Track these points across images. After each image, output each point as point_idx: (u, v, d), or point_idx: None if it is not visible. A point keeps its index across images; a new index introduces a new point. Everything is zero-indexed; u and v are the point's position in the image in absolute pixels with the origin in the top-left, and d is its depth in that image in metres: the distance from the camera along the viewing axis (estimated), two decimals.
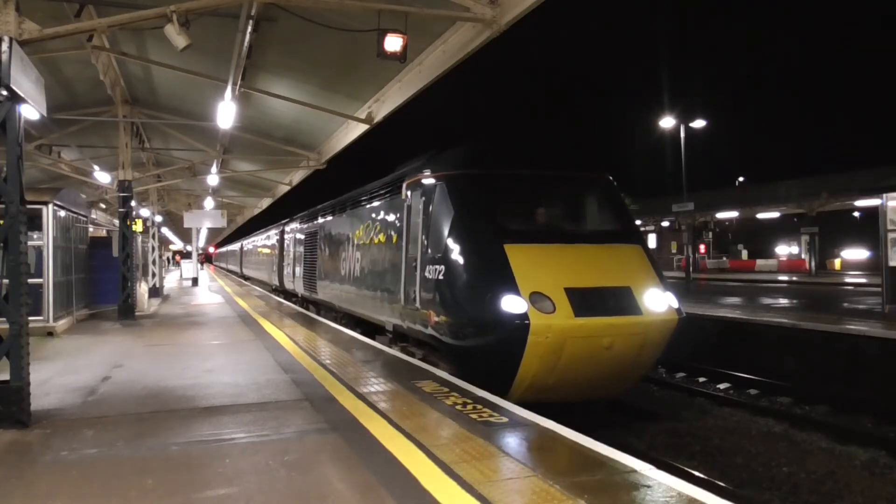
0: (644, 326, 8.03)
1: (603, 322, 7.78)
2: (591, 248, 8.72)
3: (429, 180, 9.44)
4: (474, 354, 8.17)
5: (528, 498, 4.08)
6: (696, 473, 7.30)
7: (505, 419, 5.92)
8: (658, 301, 8.23)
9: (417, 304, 9.22)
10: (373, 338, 11.74)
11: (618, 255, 8.71)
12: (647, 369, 8.93)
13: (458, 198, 8.83)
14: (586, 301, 7.78)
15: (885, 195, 14.63)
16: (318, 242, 17.91)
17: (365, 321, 12.94)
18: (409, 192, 10.05)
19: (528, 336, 7.49)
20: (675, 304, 8.41)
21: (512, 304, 7.64)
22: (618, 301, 8.00)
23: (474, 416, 6.03)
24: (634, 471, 4.55)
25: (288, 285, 23.78)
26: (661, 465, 4.93)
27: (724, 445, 8.47)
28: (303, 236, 20.50)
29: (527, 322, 7.50)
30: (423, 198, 9.39)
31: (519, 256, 8.06)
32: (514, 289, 7.71)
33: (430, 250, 8.98)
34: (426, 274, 8.94)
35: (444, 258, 8.55)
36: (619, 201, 9.89)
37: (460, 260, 8.41)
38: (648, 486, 4.29)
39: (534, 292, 7.71)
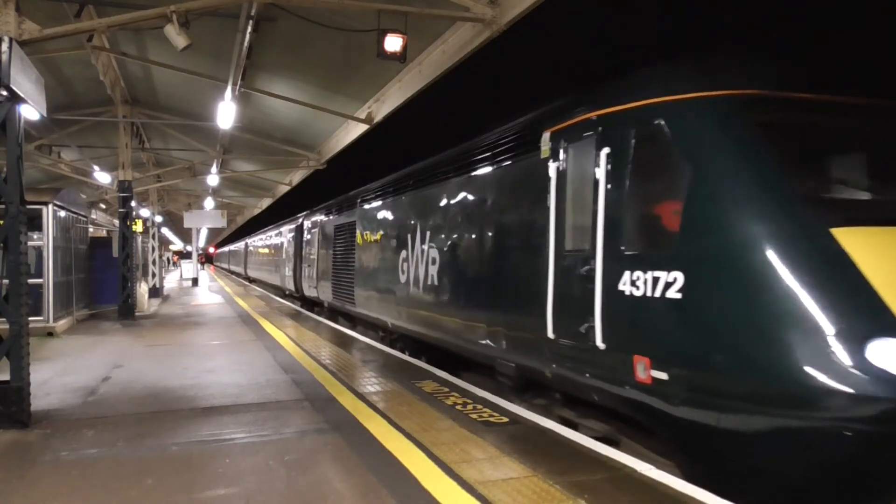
0: None
1: None
2: None
3: (620, 119, 5.43)
4: (766, 451, 4.28)
5: (528, 498, 4.08)
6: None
7: (505, 419, 5.92)
8: None
9: (598, 340, 5.27)
10: (454, 373, 8.53)
11: None
12: None
13: (709, 141, 4.80)
14: None
15: None
16: (357, 237, 13.69)
17: (438, 348, 9.26)
18: (562, 146, 6.12)
19: None
20: None
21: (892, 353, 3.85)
22: None
23: (474, 415, 6.03)
24: (634, 470, 4.56)
25: (308, 292, 19.54)
26: (661, 465, 4.93)
27: None
28: (332, 231, 16.31)
29: None
30: (611, 148, 5.40)
31: (870, 252, 4.21)
32: (888, 318, 3.94)
33: (634, 243, 5.14)
34: (623, 286, 5.08)
35: (686, 256, 4.67)
36: None
37: (733, 260, 4.44)
38: (648, 486, 4.30)
39: None
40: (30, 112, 6.52)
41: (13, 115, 6.04)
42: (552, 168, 6.21)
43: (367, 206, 13.31)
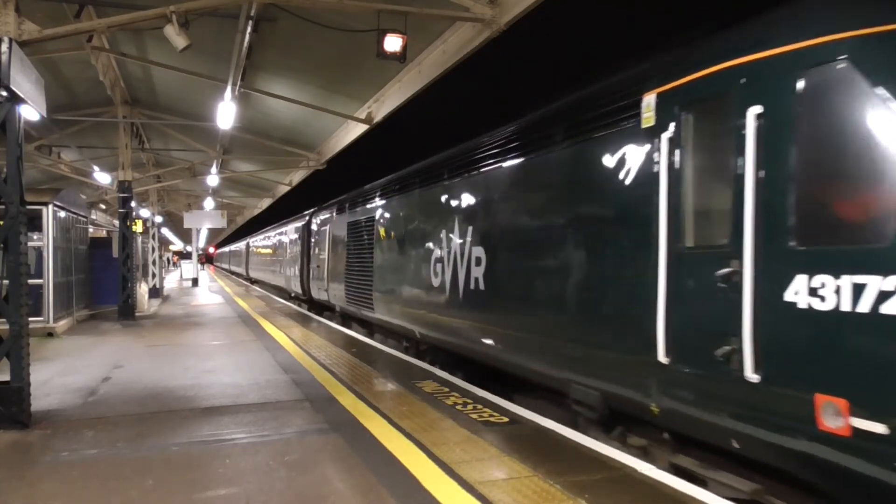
0: None
1: None
2: None
3: (778, 66, 3.95)
4: None
5: (528, 498, 4.08)
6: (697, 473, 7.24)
7: (505, 419, 5.92)
8: None
9: (747, 370, 3.92)
10: (509, 398, 7.09)
11: None
12: None
13: None
14: None
15: None
16: (378, 235, 12.14)
17: (483, 364, 7.94)
18: (677, 110, 4.68)
19: None
20: None
21: None
22: None
23: (475, 415, 6.03)
24: (635, 470, 4.56)
25: (318, 294, 18.27)
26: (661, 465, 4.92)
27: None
28: (346, 228, 14.75)
29: None
30: (764, 107, 3.96)
31: None
32: None
33: (813, 236, 3.71)
34: (794, 296, 3.70)
35: None
36: None
37: None
38: (648, 486, 4.30)
39: None
40: (30, 112, 6.52)
41: (13, 115, 6.04)
42: (662, 140, 4.76)
43: (389, 201, 11.67)
